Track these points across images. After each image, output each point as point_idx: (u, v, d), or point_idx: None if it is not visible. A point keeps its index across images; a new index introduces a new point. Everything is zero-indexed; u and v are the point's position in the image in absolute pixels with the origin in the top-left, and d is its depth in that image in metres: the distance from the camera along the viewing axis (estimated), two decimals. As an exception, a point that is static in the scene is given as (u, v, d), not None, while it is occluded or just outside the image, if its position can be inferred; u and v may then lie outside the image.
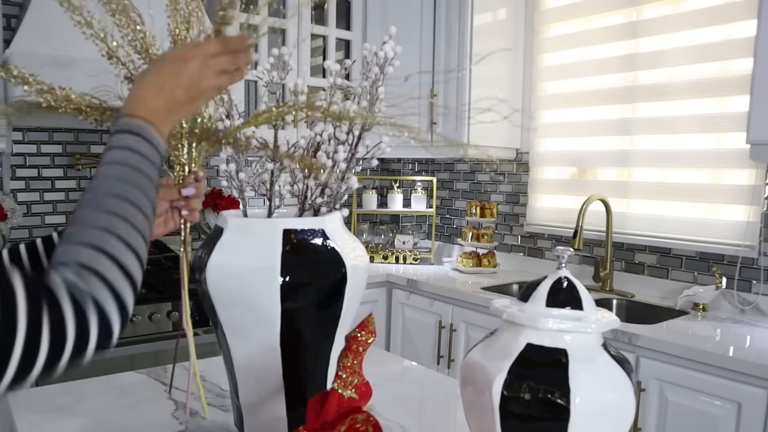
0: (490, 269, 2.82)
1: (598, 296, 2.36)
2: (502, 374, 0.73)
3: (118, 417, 1.14)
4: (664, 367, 1.75)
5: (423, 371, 1.46)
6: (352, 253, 0.99)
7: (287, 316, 0.93)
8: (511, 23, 2.84)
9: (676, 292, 2.28)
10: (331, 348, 1.00)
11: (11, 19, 2.37)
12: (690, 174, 2.29)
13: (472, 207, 2.94)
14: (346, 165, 1.05)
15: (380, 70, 1.02)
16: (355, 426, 0.70)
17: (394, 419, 1.14)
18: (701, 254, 2.26)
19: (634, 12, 2.43)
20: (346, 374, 0.76)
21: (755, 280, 2.11)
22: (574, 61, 2.65)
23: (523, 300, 0.80)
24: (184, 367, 1.41)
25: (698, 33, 2.23)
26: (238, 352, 0.98)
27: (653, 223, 2.39)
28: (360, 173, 1.10)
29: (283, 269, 0.91)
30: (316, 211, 1.07)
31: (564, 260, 0.82)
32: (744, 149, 2.01)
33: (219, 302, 0.95)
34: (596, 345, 0.77)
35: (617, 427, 0.74)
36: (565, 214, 2.70)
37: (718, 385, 1.64)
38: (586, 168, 2.64)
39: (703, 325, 1.95)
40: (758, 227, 2.09)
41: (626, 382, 0.74)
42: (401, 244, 3.14)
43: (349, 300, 0.98)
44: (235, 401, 1.04)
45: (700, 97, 2.23)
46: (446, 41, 2.78)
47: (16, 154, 2.44)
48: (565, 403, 0.70)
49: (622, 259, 2.50)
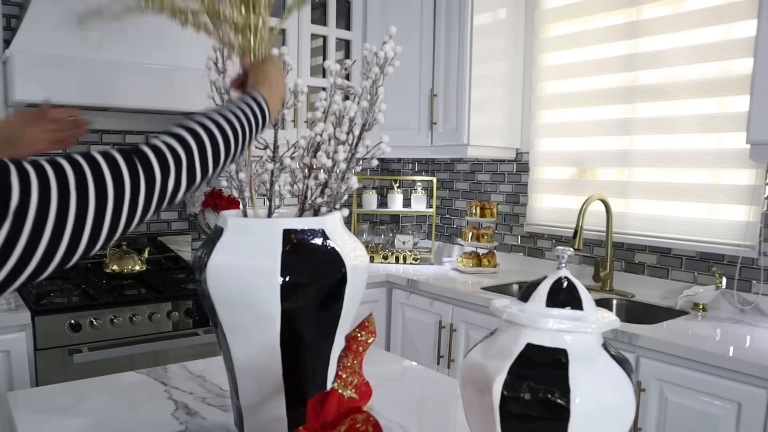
0: (490, 269, 2.82)
1: (598, 296, 2.36)
2: (502, 374, 0.73)
3: (118, 417, 1.14)
4: (664, 367, 1.75)
5: (423, 371, 1.46)
6: (352, 253, 0.99)
7: (287, 316, 0.93)
8: (511, 23, 2.84)
9: (676, 292, 2.28)
10: (331, 348, 1.00)
11: (11, 19, 2.37)
12: (690, 174, 2.29)
13: (472, 207, 2.94)
14: (346, 165, 1.05)
15: (380, 70, 1.02)
16: (355, 426, 0.70)
17: (394, 419, 1.14)
18: (701, 254, 2.26)
19: (634, 12, 2.43)
20: (346, 374, 0.76)
21: (755, 280, 2.11)
22: (574, 61, 2.65)
23: (523, 300, 0.80)
24: (184, 367, 1.41)
25: (698, 33, 2.23)
26: (238, 352, 0.98)
27: (653, 223, 2.39)
28: (360, 173, 1.10)
29: (283, 269, 0.91)
30: (316, 211, 1.07)
31: (564, 260, 0.82)
32: (744, 149, 2.01)
33: (219, 302, 0.95)
34: (596, 345, 0.77)
35: (617, 427, 0.74)
36: (565, 214, 2.70)
37: (718, 385, 1.64)
38: (586, 168, 2.64)
39: (703, 325, 1.95)
40: (758, 227, 2.09)
41: (626, 382, 0.74)
42: (401, 244, 3.14)
43: (349, 300, 0.98)
44: (235, 401, 1.04)
45: (700, 97, 2.23)
46: (446, 41, 2.78)
47: (16, 154, 2.44)
48: (565, 403, 0.70)
49: (622, 259, 2.50)
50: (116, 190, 0.62)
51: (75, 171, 0.59)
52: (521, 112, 2.90)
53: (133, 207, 0.64)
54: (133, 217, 0.65)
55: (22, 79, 1.96)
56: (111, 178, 0.62)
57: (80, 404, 1.20)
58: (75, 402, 1.21)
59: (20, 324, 1.91)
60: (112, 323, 2.05)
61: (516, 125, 2.89)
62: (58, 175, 0.58)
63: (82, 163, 0.61)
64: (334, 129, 1.03)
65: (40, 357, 1.94)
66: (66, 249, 0.59)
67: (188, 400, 1.22)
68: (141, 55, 2.18)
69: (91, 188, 0.60)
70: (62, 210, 0.58)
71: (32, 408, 1.17)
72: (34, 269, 0.58)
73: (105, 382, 1.32)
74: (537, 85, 2.82)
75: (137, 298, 2.15)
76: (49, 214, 0.57)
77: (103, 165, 0.62)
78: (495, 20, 2.80)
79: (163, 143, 0.70)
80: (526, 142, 2.87)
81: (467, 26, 2.69)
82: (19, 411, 1.15)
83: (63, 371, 1.96)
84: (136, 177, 0.64)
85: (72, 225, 0.59)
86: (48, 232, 0.57)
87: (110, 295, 2.14)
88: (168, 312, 2.15)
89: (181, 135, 0.73)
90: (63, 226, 0.58)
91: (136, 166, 0.65)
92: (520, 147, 2.92)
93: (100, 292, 2.16)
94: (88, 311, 2.02)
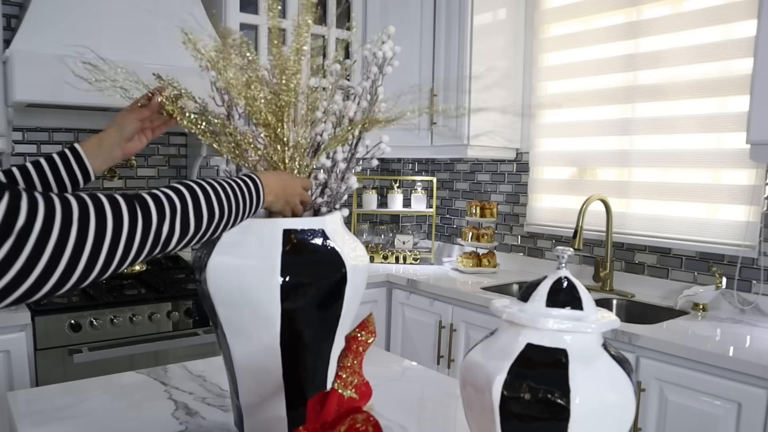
0: (490, 269, 2.82)
1: (598, 296, 2.36)
2: (502, 374, 0.73)
3: (118, 417, 1.14)
4: (664, 367, 1.75)
5: (423, 371, 1.46)
6: (352, 253, 0.99)
7: (287, 316, 0.93)
8: (511, 23, 2.84)
9: (676, 292, 2.28)
10: (331, 348, 1.00)
11: (11, 19, 2.37)
12: (690, 174, 2.29)
13: (472, 207, 2.94)
14: (346, 165, 1.05)
15: (379, 70, 1.03)
16: (355, 426, 0.70)
17: (394, 419, 1.14)
18: (701, 254, 2.26)
19: (634, 12, 2.43)
20: (346, 374, 0.76)
21: (755, 280, 2.11)
22: (574, 61, 2.65)
23: (523, 300, 0.80)
24: (184, 367, 1.41)
25: (698, 33, 2.23)
26: (238, 352, 0.98)
27: (653, 223, 2.39)
28: (360, 173, 1.10)
29: (283, 269, 0.91)
30: (316, 211, 1.07)
31: (564, 260, 0.82)
32: (744, 149, 2.01)
33: (219, 302, 0.95)
34: (596, 345, 0.77)
35: (617, 427, 0.74)
36: (565, 214, 2.70)
37: (718, 385, 1.64)
38: (586, 168, 2.64)
39: (703, 325, 1.95)
40: (758, 227, 2.09)
41: (626, 382, 0.74)
42: (401, 244, 3.14)
43: (349, 300, 0.98)
44: (235, 401, 1.04)
45: (700, 97, 2.23)
46: (446, 41, 2.78)
47: (16, 154, 2.44)
48: (565, 403, 0.70)
49: (622, 259, 2.50)
50: (115, 226, 0.67)
51: (80, 206, 0.65)
52: (521, 112, 2.90)
53: (129, 244, 0.69)
54: (128, 254, 0.70)
55: (22, 79, 1.96)
56: (111, 215, 0.67)
57: (80, 404, 1.20)
58: (75, 402, 1.21)
59: (20, 324, 1.91)
60: (112, 323, 2.05)
61: (516, 125, 2.89)
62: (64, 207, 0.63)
63: (87, 200, 0.66)
64: (334, 129, 1.03)
65: (40, 357, 1.94)
66: (61, 274, 0.63)
67: (188, 400, 1.22)
68: (141, 55, 2.18)
69: (92, 222, 0.65)
70: (63, 237, 0.63)
71: (32, 408, 1.17)
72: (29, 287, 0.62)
73: (105, 382, 1.32)
74: (537, 85, 2.82)
75: (137, 298, 2.15)
76: (50, 239, 0.62)
77: (105, 203, 0.67)
78: (495, 20, 2.80)
79: (162, 192, 0.76)
80: (526, 142, 2.87)
81: (467, 26, 2.69)
82: (19, 411, 1.15)
83: (63, 371, 1.96)
84: (135, 217, 0.70)
85: (70, 252, 0.63)
86: (47, 255, 0.61)
87: (110, 295, 2.14)
88: (168, 312, 2.15)
89: (178, 188, 0.79)
90: (62, 251, 0.63)
91: (135, 208, 0.70)
92: (520, 147, 2.92)
93: (100, 292, 2.16)
94: (88, 311, 2.02)
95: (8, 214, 0.58)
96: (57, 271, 0.63)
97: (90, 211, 0.65)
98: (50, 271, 0.62)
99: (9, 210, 0.59)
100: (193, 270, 1.00)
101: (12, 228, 0.59)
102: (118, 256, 0.68)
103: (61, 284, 0.64)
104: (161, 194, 0.76)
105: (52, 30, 2.05)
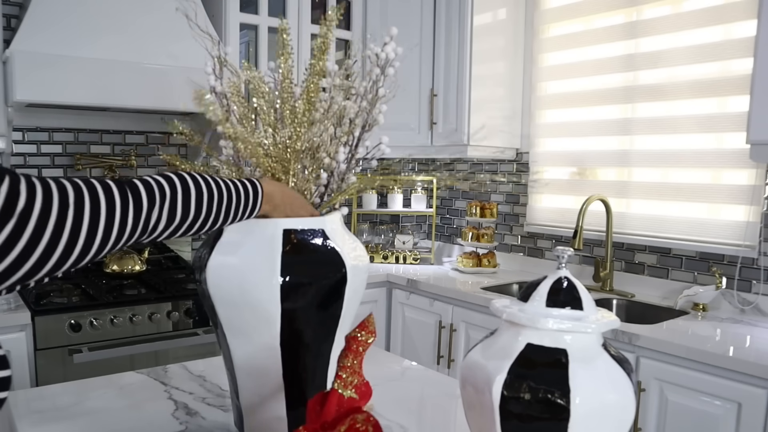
0: (490, 269, 2.82)
1: (598, 296, 2.36)
2: (502, 374, 0.73)
3: (118, 417, 1.14)
4: (664, 367, 1.75)
5: (423, 371, 1.46)
6: (352, 253, 0.99)
7: (287, 316, 0.93)
8: (511, 23, 2.84)
9: (676, 292, 2.28)
10: (331, 348, 1.00)
11: (11, 19, 2.37)
12: (690, 174, 2.29)
13: (472, 207, 2.94)
14: (346, 165, 1.05)
15: (381, 71, 1.02)
16: (355, 426, 0.70)
17: (394, 419, 1.14)
18: (701, 254, 2.26)
19: (634, 12, 2.43)
20: (346, 374, 0.76)
21: (755, 280, 2.11)
22: (574, 61, 2.65)
23: (523, 300, 0.80)
24: (184, 367, 1.41)
25: (698, 33, 2.23)
26: (238, 352, 0.98)
27: (653, 223, 2.39)
28: (360, 173, 1.10)
29: (283, 269, 0.91)
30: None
31: (564, 260, 0.82)
32: (744, 149, 2.01)
33: (219, 302, 0.95)
34: (596, 345, 0.77)
35: (617, 427, 0.74)
36: (565, 214, 2.70)
37: (718, 385, 1.64)
38: (586, 168, 2.64)
39: (703, 325, 1.95)
40: (758, 227, 2.09)
41: (626, 382, 0.74)
42: (401, 244, 3.14)
43: (349, 300, 0.98)
44: (235, 401, 1.04)
45: (700, 97, 2.23)
46: (446, 41, 2.78)
47: (16, 154, 2.44)
48: (565, 403, 0.70)
49: (622, 259, 2.50)
50: (108, 209, 0.70)
51: (75, 190, 0.68)
52: (521, 112, 2.90)
53: (122, 226, 0.72)
54: (121, 235, 0.73)
55: (22, 79, 1.96)
56: (104, 199, 0.70)
57: (80, 404, 1.20)
58: (75, 402, 1.21)
59: (20, 324, 1.91)
60: (112, 323, 2.05)
61: (516, 125, 2.89)
62: (60, 191, 0.66)
63: (81, 184, 0.69)
64: (334, 129, 1.03)
65: (40, 357, 1.94)
66: (60, 254, 0.66)
67: (188, 400, 1.22)
68: (141, 55, 2.18)
69: (87, 205, 0.68)
70: (61, 219, 0.65)
71: (32, 408, 1.17)
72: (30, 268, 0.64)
73: (105, 382, 1.32)
74: (537, 85, 2.82)
75: (137, 298, 2.15)
76: (49, 220, 0.64)
77: (98, 188, 0.70)
78: (495, 20, 2.80)
79: (153, 178, 0.79)
80: (526, 142, 2.87)
81: (467, 26, 2.69)
82: (19, 411, 1.15)
83: (63, 371, 1.96)
84: (126, 201, 0.73)
85: (68, 233, 0.66)
86: (46, 237, 0.64)
87: (110, 295, 2.14)
88: (168, 312, 2.15)
89: (170, 176, 0.81)
90: (60, 233, 0.65)
91: (127, 193, 0.73)
92: (520, 147, 2.92)
93: (100, 292, 2.16)
94: (88, 311, 2.02)
95: (9, 197, 0.61)
96: (56, 251, 0.65)
97: (84, 196, 0.68)
98: (50, 251, 0.64)
99: (10, 193, 0.61)
100: (193, 270, 1.00)
101: (13, 210, 0.61)
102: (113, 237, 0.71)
103: (60, 264, 0.66)
104: (152, 181, 0.78)
105: (52, 30, 2.05)
